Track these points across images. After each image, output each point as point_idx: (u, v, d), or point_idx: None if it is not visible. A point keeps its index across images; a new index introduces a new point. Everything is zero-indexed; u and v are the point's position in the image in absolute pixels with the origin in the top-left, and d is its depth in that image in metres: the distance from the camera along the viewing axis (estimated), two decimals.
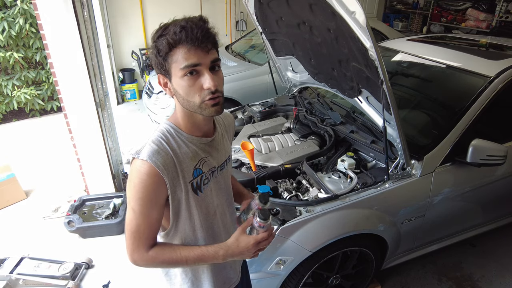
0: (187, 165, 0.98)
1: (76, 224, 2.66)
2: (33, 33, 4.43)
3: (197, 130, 1.01)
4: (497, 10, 5.95)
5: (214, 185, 1.08)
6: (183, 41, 0.86)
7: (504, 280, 2.38)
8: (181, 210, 1.01)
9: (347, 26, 1.49)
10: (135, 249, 0.95)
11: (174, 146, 0.96)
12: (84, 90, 2.66)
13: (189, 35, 0.85)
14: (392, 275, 2.39)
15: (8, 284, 2.26)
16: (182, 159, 0.97)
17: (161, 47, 0.88)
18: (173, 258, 0.97)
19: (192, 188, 1.00)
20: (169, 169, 0.93)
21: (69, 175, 3.52)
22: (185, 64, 0.87)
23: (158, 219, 0.97)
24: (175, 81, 0.91)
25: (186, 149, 0.98)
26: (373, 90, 1.82)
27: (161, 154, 0.92)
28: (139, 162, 0.91)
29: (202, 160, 1.02)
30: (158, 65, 0.92)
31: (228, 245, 1.00)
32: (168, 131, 0.99)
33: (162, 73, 0.94)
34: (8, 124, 4.88)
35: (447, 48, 2.64)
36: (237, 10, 6.33)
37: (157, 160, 0.91)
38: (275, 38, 2.53)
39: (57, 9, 2.38)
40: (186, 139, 0.99)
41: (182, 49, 0.86)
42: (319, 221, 1.68)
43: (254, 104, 3.01)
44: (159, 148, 0.93)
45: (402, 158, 1.82)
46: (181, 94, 0.92)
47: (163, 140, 0.96)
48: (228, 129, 1.20)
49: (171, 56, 0.88)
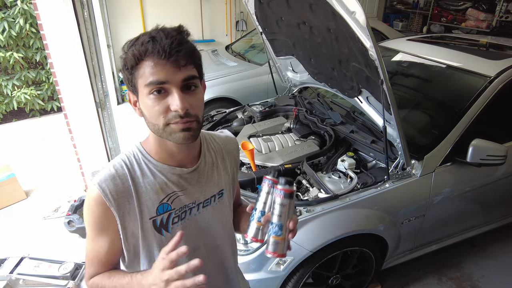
0: (150, 198, 0.83)
1: (76, 224, 2.65)
2: (33, 33, 4.43)
3: (170, 158, 0.85)
4: (497, 10, 5.95)
5: (190, 225, 0.90)
6: (149, 53, 0.72)
7: (504, 280, 2.37)
8: (138, 247, 0.87)
9: (347, 26, 1.49)
10: (85, 272, 0.88)
11: (136, 174, 0.83)
12: (84, 90, 2.66)
13: (157, 46, 0.71)
14: (392, 275, 2.38)
15: (8, 284, 2.26)
16: (144, 190, 0.83)
17: (127, 60, 0.76)
18: (106, 287, 0.84)
19: (155, 226, 0.85)
20: (121, 200, 0.81)
21: (69, 175, 3.52)
22: (150, 81, 0.73)
23: (108, 249, 0.85)
24: (141, 100, 0.78)
25: (151, 179, 0.84)
26: (373, 90, 1.82)
27: (115, 181, 0.81)
28: (91, 185, 0.81)
29: (172, 195, 0.86)
30: (126, 80, 0.80)
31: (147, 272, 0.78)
32: (134, 155, 0.85)
33: (130, 90, 0.80)
34: (8, 124, 4.88)
35: (447, 48, 2.64)
36: (237, 10, 6.33)
37: (107, 187, 0.79)
38: (275, 38, 2.53)
39: (57, 9, 2.38)
40: (155, 167, 0.85)
41: (148, 62, 0.73)
42: (319, 221, 1.68)
43: (254, 104, 3.01)
44: (117, 174, 0.81)
45: (402, 158, 1.82)
46: (145, 114, 0.78)
47: (125, 165, 0.83)
48: (227, 157, 1.00)
49: (137, 70, 0.75)
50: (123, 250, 0.87)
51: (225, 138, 1.03)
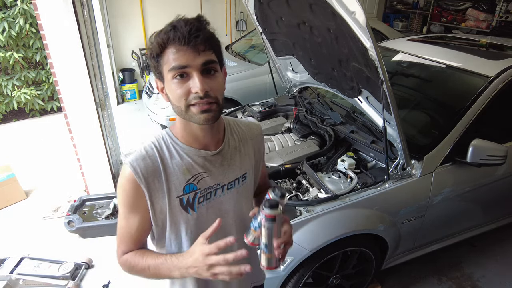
0: (178, 178, 0.90)
1: (76, 224, 2.65)
2: (33, 33, 4.43)
3: (195, 141, 0.91)
4: (497, 10, 5.95)
5: (215, 205, 0.96)
6: (171, 41, 0.79)
7: (504, 280, 2.37)
8: (165, 223, 0.93)
9: (347, 26, 1.49)
10: (117, 250, 0.94)
11: (165, 156, 0.90)
12: (84, 90, 2.66)
13: (177, 34, 0.78)
14: (392, 275, 2.39)
15: (8, 284, 2.26)
16: (172, 171, 0.89)
17: (153, 48, 0.82)
18: (140, 266, 0.90)
19: (181, 205, 0.91)
20: (150, 178, 0.87)
21: (69, 175, 3.52)
22: (172, 66, 0.80)
23: (139, 226, 0.91)
24: (166, 85, 0.85)
25: (179, 161, 0.90)
26: (373, 90, 1.82)
27: (146, 161, 0.87)
28: (124, 165, 0.88)
29: (198, 176, 0.92)
30: (153, 68, 0.86)
31: (183, 255, 0.86)
32: (163, 138, 0.92)
33: (157, 77, 0.87)
34: (8, 124, 4.88)
35: (447, 48, 2.64)
36: (237, 10, 6.33)
37: (138, 166, 0.86)
38: (275, 38, 2.53)
39: (57, 9, 2.38)
40: (182, 149, 0.91)
41: (171, 49, 0.80)
42: (319, 221, 1.68)
43: (254, 104, 3.01)
44: (147, 155, 0.88)
45: (402, 158, 1.82)
46: (170, 98, 0.85)
47: (155, 147, 0.90)
48: (250, 142, 1.04)
49: (162, 57, 0.82)
50: (152, 228, 0.94)
51: (249, 124, 1.09)
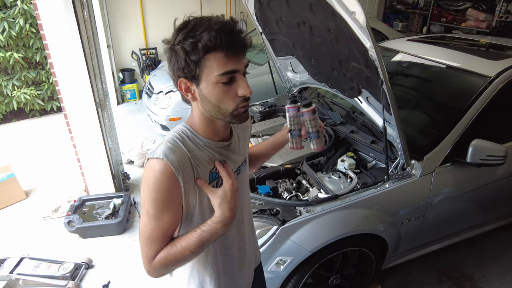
0: (203, 169, 0.93)
1: (76, 224, 2.65)
2: (33, 33, 4.43)
3: (215, 135, 0.97)
4: (497, 10, 5.95)
5: None
6: (220, 45, 0.80)
7: (504, 280, 2.38)
8: (194, 215, 0.96)
9: (347, 26, 1.49)
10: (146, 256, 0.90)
11: (190, 147, 0.92)
12: (84, 90, 2.67)
13: (230, 40, 0.80)
14: (392, 275, 2.39)
15: (8, 284, 2.26)
16: (197, 162, 0.92)
17: (193, 50, 0.80)
18: (177, 254, 0.89)
19: None
20: (184, 170, 0.88)
21: (69, 175, 3.52)
22: (225, 71, 0.82)
23: (172, 224, 0.91)
24: (206, 87, 0.85)
25: (200, 153, 0.94)
26: (373, 90, 1.82)
27: (176, 153, 0.88)
28: (154, 161, 0.86)
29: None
30: (183, 68, 0.84)
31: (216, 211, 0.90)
32: (184, 132, 0.94)
33: (187, 77, 0.86)
34: (8, 124, 4.89)
35: (447, 48, 2.64)
36: (237, 10, 6.33)
37: (172, 158, 0.86)
38: (275, 38, 2.53)
39: (57, 9, 2.38)
40: (202, 142, 0.95)
41: (219, 54, 0.81)
42: (319, 221, 1.68)
43: (254, 104, 3.01)
44: (175, 147, 0.89)
45: (402, 158, 1.82)
46: (212, 100, 0.86)
47: (179, 140, 0.91)
48: (244, 131, 1.15)
49: (204, 61, 0.81)
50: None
51: None
